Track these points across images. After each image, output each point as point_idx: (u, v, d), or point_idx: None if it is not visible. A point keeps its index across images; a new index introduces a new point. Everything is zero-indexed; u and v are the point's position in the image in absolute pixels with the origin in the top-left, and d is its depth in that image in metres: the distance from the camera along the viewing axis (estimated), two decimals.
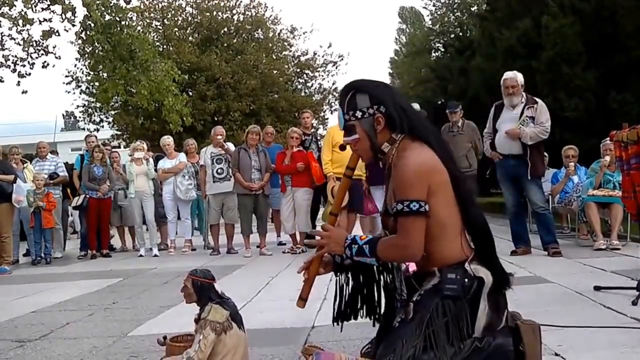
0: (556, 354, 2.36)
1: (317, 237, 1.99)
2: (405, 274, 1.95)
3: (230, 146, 7.50)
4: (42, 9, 10.95)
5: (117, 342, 3.04)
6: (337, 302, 2.11)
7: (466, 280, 1.76)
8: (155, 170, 7.68)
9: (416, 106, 6.93)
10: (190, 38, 21.93)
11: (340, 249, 1.92)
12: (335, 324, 2.14)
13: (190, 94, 19.87)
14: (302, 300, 2.08)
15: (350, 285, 2.09)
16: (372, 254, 1.84)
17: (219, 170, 7.15)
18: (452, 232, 1.82)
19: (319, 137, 7.79)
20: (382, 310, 2.08)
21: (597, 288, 3.54)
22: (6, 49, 11.32)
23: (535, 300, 3.37)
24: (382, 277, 2.06)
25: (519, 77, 5.48)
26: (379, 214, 6.64)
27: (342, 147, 2.07)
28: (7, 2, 10.47)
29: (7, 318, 3.80)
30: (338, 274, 2.08)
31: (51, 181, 7.59)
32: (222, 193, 7.12)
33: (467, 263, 1.79)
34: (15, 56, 11.28)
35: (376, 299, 2.10)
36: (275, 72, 21.99)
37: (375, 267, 2.03)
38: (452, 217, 1.82)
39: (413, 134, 1.86)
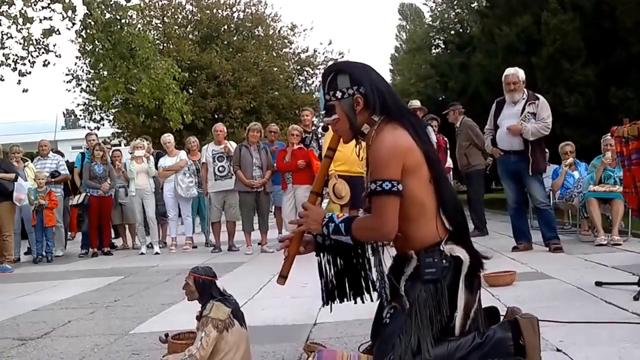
0: (558, 350, 2.36)
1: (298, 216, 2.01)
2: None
3: (231, 144, 7.49)
4: (42, 8, 10.94)
5: (119, 339, 3.04)
6: (322, 283, 2.11)
7: (444, 261, 1.79)
8: (156, 168, 7.69)
9: (416, 103, 6.93)
10: (191, 36, 21.91)
11: (319, 227, 1.93)
12: (324, 305, 2.14)
13: (191, 91, 19.86)
14: (282, 277, 2.10)
15: (332, 266, 2.08)
16: (347, 232, 1.86)
17: (220, 168, 7.16)
18: (430, 212, 1.84)
19: (319, 135, 7.77)
20: (372, 291, 2.07)
21: (599, 284, 3.54)
22: (6, 47, 11.32)
23: (536, 296, 3.37)
24: (363, 260, 2.06)
25: (520, 74, 5.47)
26: None
27: (325, 129, 2.10)
28: (6, 1, 10.46)
29: (9, 316, 3.80)
30: (320, 254, 2.08)
31: (53, 179, 7.60)
32: (224, 191, 7.13)
33: (443, 244, 1.81)
34: (16, 55, 11.29)
35: (363, 281, 2.08)
36: (275, 69, 21.98)
37: (354, 250, 2.03)
38: (429, 197, 1.84)
39: (387, 115, 1.88)
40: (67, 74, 20.75)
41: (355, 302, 2.11)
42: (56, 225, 7.53)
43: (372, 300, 2.09)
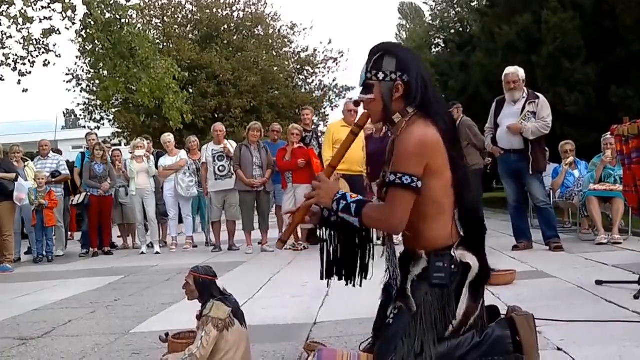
0: (558, 349, 2.36)
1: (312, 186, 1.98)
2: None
3: (231, 144, 7.50)
4: (42, 7, 10.95)
5: (119, 339, 3.04)
6: (321, 257, 2.10)
7: (453, 267, 1.78)
8: (156, 167, 7.69)
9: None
10: (191, 35, 21.92)
11: (329, 202, 1.91)
12: (322, 278, 2.12)
13: (191, 91, 19.87)
14: (282, 242, 2.10)
15: (333, 243, 2.07)
16: (356, 214, 1.85)
17: (220, 168, 7.16)
18: (447, 215, 1.83)
19: (319, 134, 7.78)
20: (368, 275, 2.07)
21: (599, 282, 3.54)
22: (6, 47, 11.32)
23: (537, 295, 3.37)
24: (366, 245, 2.06)
25: (521, 72, 5.47)
26: None
27: (357, 103, 2.06)
28: (7, 1, 10.46)
29: (9, 316, 3.80)
30: (323, 228, 2.07)
31: (53, 179, 7.60)
32: (224, 190, 7.13)
33: (454, 249, 1.80)
34: (16, 55, 11.29)
35: (360, 263, 2.08)
36: (275, 68, 21.98)
37: (358, 233, 2.02)
38: (448, 200, 1.82)
39: (425, 110, 1.84)
40: (67, 74, 20.78)
41: (348, 284, 2.11)
42: (57, 225, 7.54)
43: (360, 285, 2.09)
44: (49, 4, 10.87)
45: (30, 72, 11.41)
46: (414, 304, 1.78)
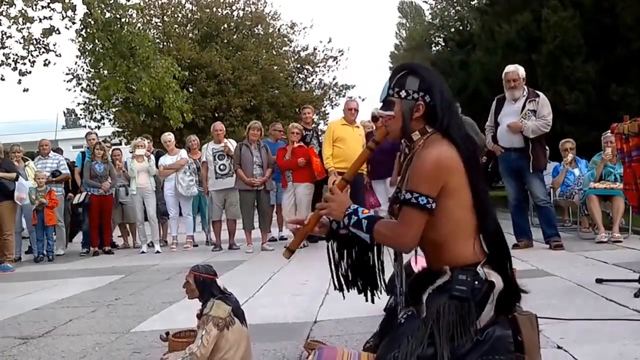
0: (559, 347, 2.36)
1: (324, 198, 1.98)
2: (411, 272, 1.95)
3: (232, 143, 7.50)
4: (42, 7, 10.94)
5: (120, 338, 3.05)
6: (330, 269, 2.09)
7: (476, 282, 1.76)
8: (157, 167, 7.69)
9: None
10: (190, 34, 21.91)
11: (340, 215, 1.92)
12: (335, 289, 2.11)
13: (191, 90, 19.86)
14: (289, 251, 2.10)
15: (341, 256, 2.06)
16: (368, 230, 1.85)
17: (221, 167, 7.16)
18: (466, 233, 1.83)
19: (319, 132, 7.78)
20: (382, 287, 2.06)
21: (599, 281, 3.54)
22: (7, 47, 11.32)
23: (537, 293, 3.36)
24: (375, 260, 2.05)
25: (521, 71, 5.47)
26: (380, 208, 6.65)
27: (375, 119, 2.07)
28: (7, 1, 10.46)
29: (10, 315, 3.81)
30: (330, 240, 2.07)
31: (54, 179, 7.60)
32: (224, 189, 7.13)
33: (480, 266, 1.80)
34: (16, 54, 11.29)
35: (374, 274, 2.06)
36: (275, 67, 21.97)
37: (368, 248, 2.02)
38: (466, 219, 1.82)
39: (447, 133, 1.85)
40: (67, 73, 20.77)
41: (365, 296, 2.09)
42: (57, 225, 7.54)
43: (373, 301, 2.07)
44: (48, 3, 10.87)
45: (30, 72, 11.42)
46: (425, 310, 1.78)
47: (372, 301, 2.08)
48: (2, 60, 11.27)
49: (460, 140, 1.84)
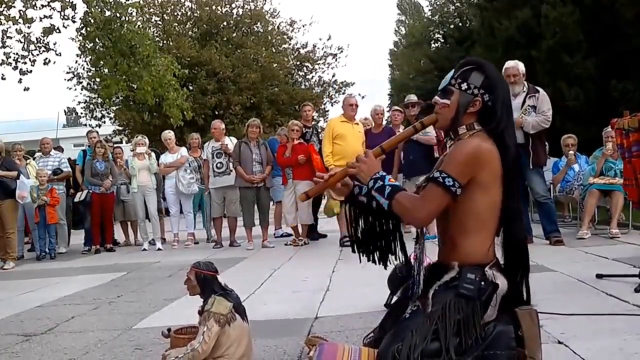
0: (559, 342, 2.37)
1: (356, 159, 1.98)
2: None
3: (232, 140, 7.50)
4: (42, 6, 10.94)
5: (122, 335, 3.06)
6: (349, 233, 2.11)
7: (483, 283, 1.78)
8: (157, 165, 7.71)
9: (413, 97, 6.92)
10: (190, 33, 21.89)
11: (367, 178, 1.93)
12: (353, 250, 2.13)
13: (191, 88, 19.85)
14: (307, 195, 2.09)
15: (357, 220, 2.08)
16: (388, 196, 1.86)
17: (218, 165, 7.16)
18: (487, 232, 1.84)
19: (319, 130, 7.78)
20: (397, 255, 2.06)
21: (600, 276, 3.55)
22: (7, 46, 11.31)
23: (537, 288, 3.33)
24: (393, 230, 2.06)
25: (520, 66, 5.46)
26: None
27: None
28: (6, 2, 10.45)
29: (13, 313, 3.82)
30: (348, 204, 2.09)
31: (55, 177, 7.61)
32: (223, 187, 7.13)
33: (488, 267, 1.81)
34: (17, 54, 11.28)
35: (389, 240, 2.07)
36: (275, 65, 21.94)
37: (384, 216, 2.01)
38: (488, 218, 1.84)
39: (500, 137, 1.85)
40: (67, 72, 20.77)
41: (375, 262, 2.08)
42: (59, 223, 7.55)
43: (385, 266, 2.07)
44: (48, 2, 10.87)
45: (31, 71, 11.42)
46: (430, 306, 1.79)
47: (385, 266, 2.08)
48: (2, 60, 11.27)
49: (510, 144, 1.86)
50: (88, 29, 10.89)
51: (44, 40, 11.18)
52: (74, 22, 10.95)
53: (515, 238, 1.89)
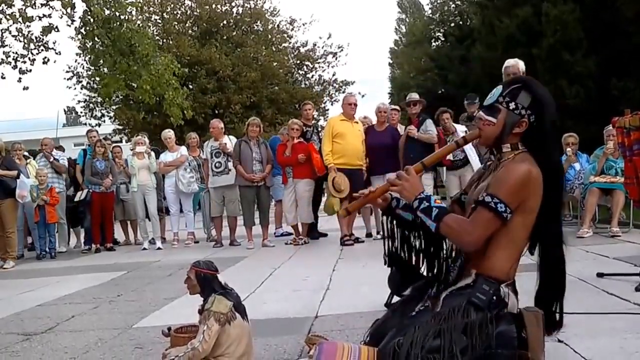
0: (559, 341, 2.37)
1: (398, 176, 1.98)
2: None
3: (231, 139, 7.49)
4: (42, 5, 10.93)
5: (122, 334, 3.06)
6: (385, 244, 2.12)
7: (494, 298, 1.78)
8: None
9: (415, 96, 6.91)
10: (190, 31, 21.87)
11: (411, 197, 1.92)
12: (386, 264, 2.15)
13: (191, 87, 19.85)
14: (347, 212, 2.10)
15: (393, 233, 2.10)
16: (436, 219, 1.84)
17: (217, 164, 7.15)
18: (513, 251, 1.85)
19: (319, 129, 7.77)
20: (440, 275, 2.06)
21: (600, 275, 3.55)
22: (6, 45, 11.31)
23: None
24: (436, 249, 2.06)
25: (521, 65, 5.44)
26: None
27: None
28: (5, 0, 10.44)
29: (13, 312, 3.82)
30: (387, 216, 2.10)
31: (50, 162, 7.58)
32: (222, 186, 7.12)
33: (505, 285, 1.82)
34: (16, 53, 11.28)
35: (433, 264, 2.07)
36: (275, 64, 21.94)
37: (429, 235, 2.02)
38: (520, 240, 1.85)
39: (545, 160, 1.85)
40: (67, 71, 20.77)
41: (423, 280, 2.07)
42: (59, 222, 7.55)
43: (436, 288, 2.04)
44: (47, 1, 10.86)
45: (30, 70, 11.41)
46: (440, 306, 1.80)
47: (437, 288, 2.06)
48: (2, 59, 11.27)
49: (557, 169, 1.88)
50: (87, 27, 10.88)
51: (43, 39, 11.18)
52: (73, 21, 10.94)
53: (556, 262, 1.91)
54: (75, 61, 20.30)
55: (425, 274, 2.09)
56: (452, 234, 1.85)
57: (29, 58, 11.26)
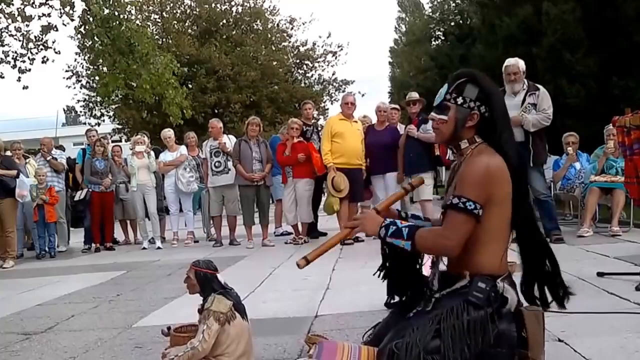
0: (559, 340, 2.36)
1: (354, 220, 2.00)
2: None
3: (230, 139, 7.49)
4: (41, 4, 10.92)
5: (122, 333, 3.05)
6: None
7: (492, 294, 1.77)
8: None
9: (415, 95, 6.90)
10: (189, 30, 21.87)
11: (375, 229, 1.91)
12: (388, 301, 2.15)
13: (190, 86, 19.85)
14: (306, 260, 2.03)
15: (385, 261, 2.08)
16: (409, 236, 1.83)
17: (216, 164, 7.14)
18: (497, 244, 1.83)
19: (319, 128, 7.76)
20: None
21: (600, 274, 3.54)
22: (6, 44, 11.30)
23: None
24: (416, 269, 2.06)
25: (521, 64, 5.45)
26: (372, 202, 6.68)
27: (425, 121, 2.08)
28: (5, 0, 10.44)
29: (13, 311, 3.82)
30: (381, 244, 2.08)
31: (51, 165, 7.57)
32: (221, 186, 7.12)
33: (500, 279, 1.81)
34: (15, 52, 11.27)
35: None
36: (274, 63, 21.95)
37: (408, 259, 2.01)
38: (500, 231, 1.84)
39: (500, 147, 1.85)
40: (67, 71, 20.76)
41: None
42: (58, 221, 7.55)
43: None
44: (46, 0, 10.85)
45: (30, 70, 11.41)
46: (434, 308, 1.79)
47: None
48: (1, 58, 11.26)
49: (513, 154, 1.86)
50: (87, 27, 10.88)
51: (42, 38, 11.17)
52: (72, 20, 10.93)
53: (534, 243, 1.89)
54: (75, 60, 20.32)
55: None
56: (429, 245, 1.83)
57: (28, 57, 11.26)
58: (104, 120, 21.52)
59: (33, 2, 10.74)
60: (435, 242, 1.82)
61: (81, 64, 20.11)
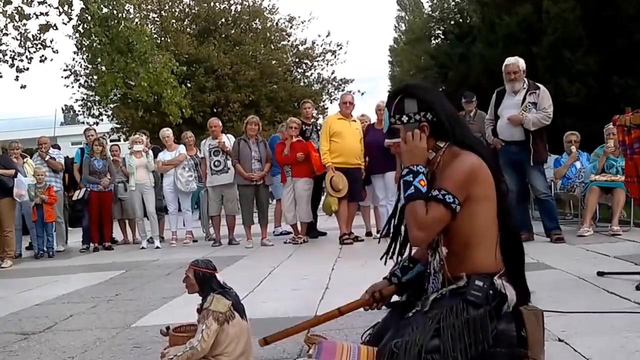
0: (560, 340, 2.36)
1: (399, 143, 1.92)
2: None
3: (229, 138, 7.47)
4: (39, 3, 10.89)
5: (121, 333, 3.04)
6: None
7: (491, 292, 1.77)
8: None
9: None
10: (188, 29, 21.83)
11: (407, 163, 1.85)
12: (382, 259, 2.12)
13: (189, 85, 19.81)
14: (265, 341, 2.11)
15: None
16: (408, 198, 1.80)
17: (215, 163, 7.12)
18: (489, 243, 1.83)
19: (319, 127, 7.75)
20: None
21: (601, 273, 3.54)
22: (3, 43, 11.27)
23: (538, 286, 3.32)
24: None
25: (521, 63, 5.44)
26: (380, 203, 6.64)
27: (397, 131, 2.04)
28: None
29: (11, 311, 3.81)
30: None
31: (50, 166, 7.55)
32: (221, 185, 7.10)
33: (497, 277, 1.80)
34: (13, 51, 11.24)
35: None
36: (274, 62, 21.90)
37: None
38: (490, 229, 1.83)
39: (461, 143, 1.85)
40: (64, 70, 20.72)
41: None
42: (57, 221, 7.53)
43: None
44: None
45: (27, 69, 11.37)
46: (432, 308, 1.78)
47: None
48: None
49: (479, 147, 1.87)
50: (85, 25, 10.85)
51: (40, 37, 11.13)
52: (70, 19, 10.90)
53: (511, 235, 1.90)
54: (73, 59, 20.26)
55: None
56: (410, 220, 1.82)
57: (26, 56, 11.22)
58: (102, 120, 21.48)
59: (31, 1, 10.70)
60: (414, 222, 1.78)
61: (79, 63, 20.09)
